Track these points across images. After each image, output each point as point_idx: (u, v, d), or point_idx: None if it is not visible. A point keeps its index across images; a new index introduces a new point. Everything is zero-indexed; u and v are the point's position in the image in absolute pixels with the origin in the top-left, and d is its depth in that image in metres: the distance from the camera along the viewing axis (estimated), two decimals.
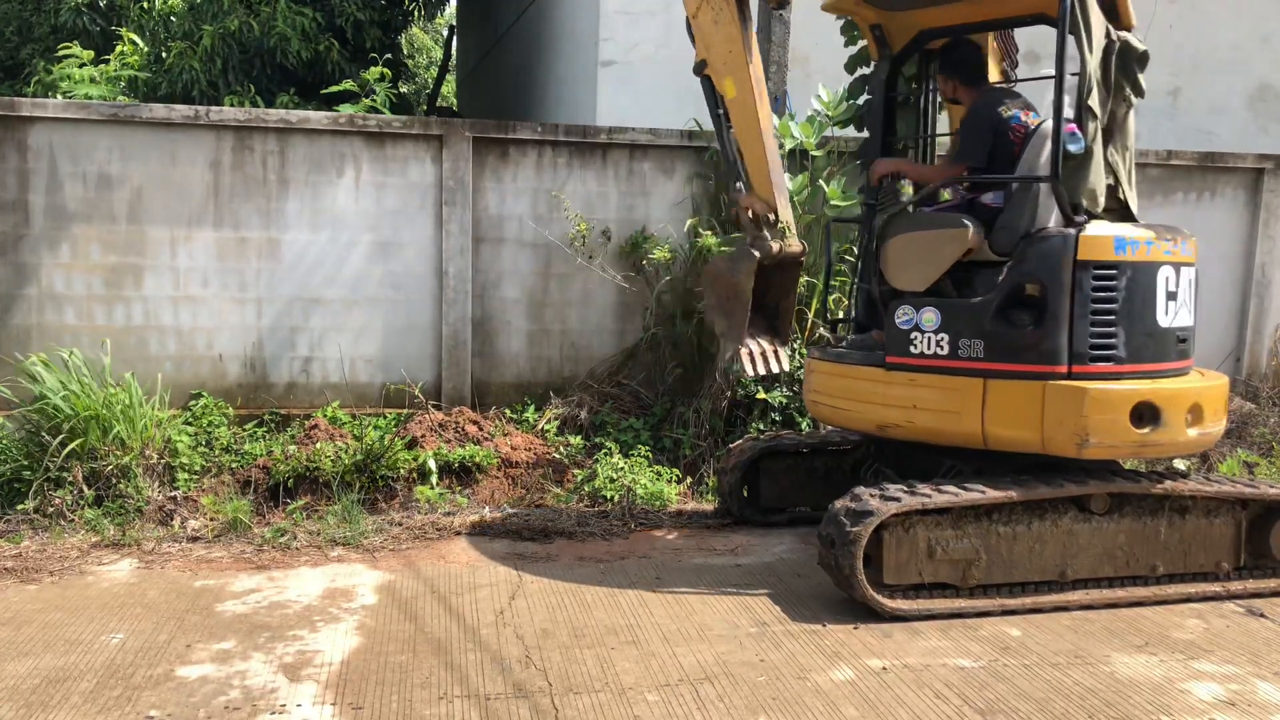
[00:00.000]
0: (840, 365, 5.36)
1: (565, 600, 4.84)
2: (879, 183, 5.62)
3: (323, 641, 4.32)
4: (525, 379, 7.56)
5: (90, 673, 3.98)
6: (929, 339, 4.97)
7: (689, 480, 6.73)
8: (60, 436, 5.84)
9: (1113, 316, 4.71)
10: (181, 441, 6.29)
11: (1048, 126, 4.91)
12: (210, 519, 5.83)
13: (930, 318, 4.98)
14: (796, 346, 6.96)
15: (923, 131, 6.07)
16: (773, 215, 5.09)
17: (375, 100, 9.18)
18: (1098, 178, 4.78)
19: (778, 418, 6.93)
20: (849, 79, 7.15)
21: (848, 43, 6.99)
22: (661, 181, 7.60)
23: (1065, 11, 4.60)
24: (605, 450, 6.66)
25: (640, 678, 4.03)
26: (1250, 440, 7.51)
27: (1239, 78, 10.32)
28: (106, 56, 10.94)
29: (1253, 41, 10.33)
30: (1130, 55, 4.87)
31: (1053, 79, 4.73)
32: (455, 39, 20.04)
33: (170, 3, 11.70)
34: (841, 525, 4.55)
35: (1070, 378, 4.68)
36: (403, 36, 18.30)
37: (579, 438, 6.97)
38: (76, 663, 4.07)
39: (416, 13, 14.16)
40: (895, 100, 5.98)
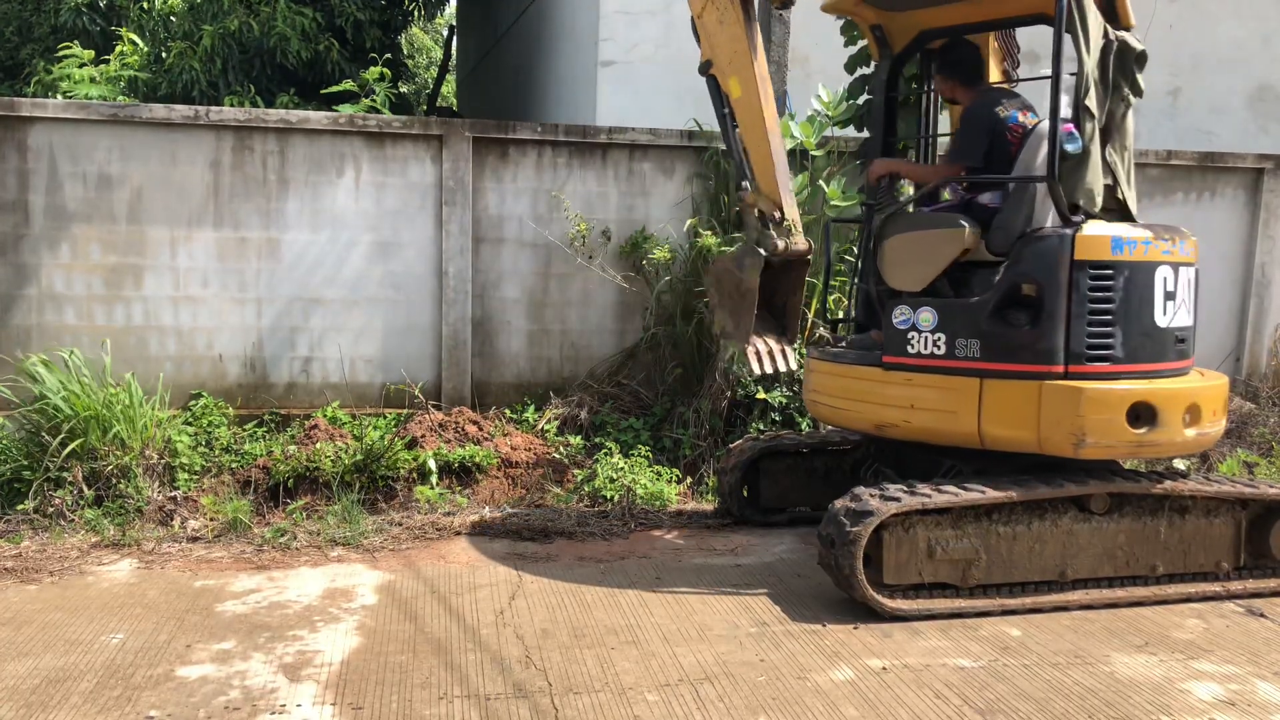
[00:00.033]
0: (839, 365, 5.37)
1: (565, 600, 4.84)
2: (876, 183, 5.63)
3: (323, 641, 4.32)
4: (525, 379, 7.56)
5: (90, 673, 3.98)
6: (926, 339, 4.98)
7: (689, 480, 6.73)
8: (60, 437, 5.84)
9: (1110, 316, 4.71)
10: (181, 441, 6.29)
11: (1045, 127, 4.91)
12: (210, 519, 5.83)
13: (927, 317, 4.98)
14: (796, 346, 6.96)
15: (924, 131, 6.07)
16: (778, 213, 5.10)
17: (375, 100, 9.18)
18: (1095, 178, 4.78)
19: (778, 418, 6.94)
20: (849, 79, 7.15)
21: (848, 43, 7.00)
22: (661, 181, 7.60)
23: (1062, 11, 4.60)
24: (605, 450, 6.66)
25: (640, 678, 4.03)
26: (1250, 440, 7.51)
27: (1239, 78, 10.32)
28: (106, 56, 10.95)
29: (1253, 41, 10.33)
30: (1128, 55, 4.87)
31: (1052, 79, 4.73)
32: (455, 39, 20.04)
33: (170, 3, 11.70)
34: (841, 525, 4.56)
35: (1067, 377, 4.67)
36: (403, 36, 18.31)
37: (579, 438, 6.97)
38: (76, 663, 4.07)
39: (416, 13, 14.17)
40: (896, 100, 5.98)
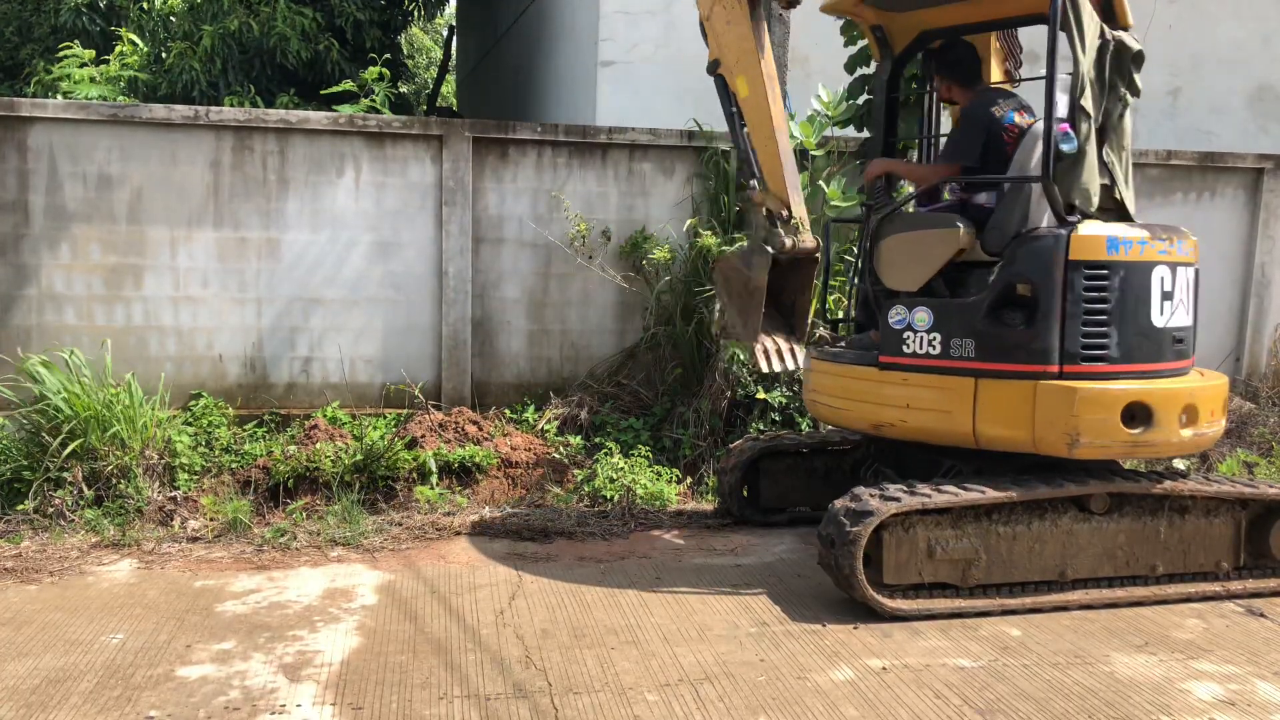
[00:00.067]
0: (837, 365, 5.37)
1: (565, 600, 4.84)
2: (873, 183, 5.64)
3: (323, 642, 4.32)
4: (525, 379, 7.56)
5: (90, 673, 3.98)
6: (921, 338, 4.99)
7: (689, 480, 6.73)
8: (60, 437, 5.84)
9: (1105, 316, 4.71)
10: (181, 442, 6.29)
11: (1040, 127, 4.91)
12: (210, 519, 5.83)
13: (923, 317, 4.99)
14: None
15: (926, 132, 6.07)
16: (786, 212, 5.11)
17: (375, 100, 9.18)
18: (1091, 178, 4.77)
19: (777, 418, 6.94)
20: (849, 79, 7.15)
21: (847, 43, 7.00)
22: (661, 181, 7.60)
23: (1056, 10, 4.59)
24: (605, 450, 6.66)
25: (640, 678, 4.03)
26: (1250, 440, 7.51)
27: (1239, 78, 10.32)
28: (106, 57, 10.95)
29: (1253, 41, 10.33)
30: (1125, 55, 4.86)
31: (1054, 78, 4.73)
32: (455, 39, 20.04)
33: (170, 3, 11.70)
34: (841, 525, 4.56)
35: (1062, 377, 4.67)
36: (402, 36, 18.30)
37: (579, 438, 6.97)
38: (76, 663, 4.07)
39: (416, 13, 14.16)
40: (897, 100, 5.99)
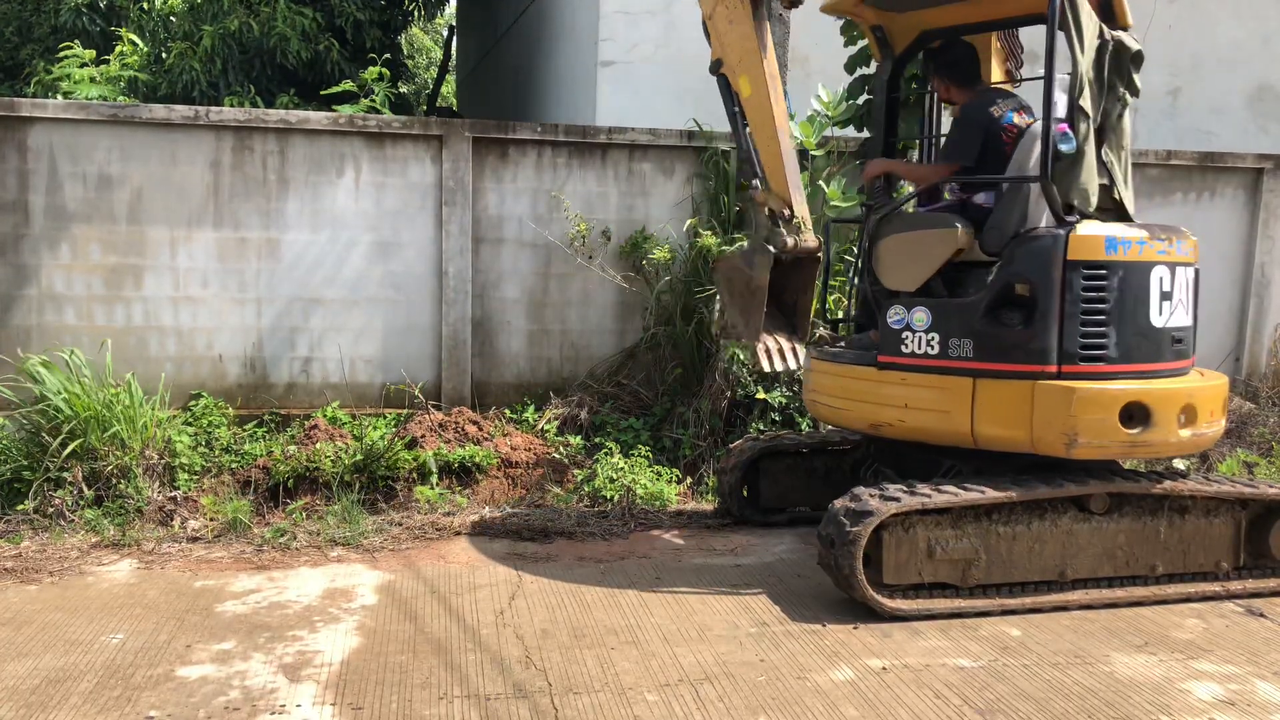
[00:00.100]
0: (837, 365, 5.38)
1: (565, 600, 4.84)
2: (872, 183, 5.66)
3: (322, 642, 4.32)
4: (525, 379, 7.56)
5: (90, 673, 3.98)
6: (920, 338, 4.99)
7: (689, 480, 6.73)
8: (60, 437, 5.85)
9: (1103, 316, 4.70)
10: (181, 442, 6.29)
11: (1039, 127, 4.91)
12: (210, 519, 5.83)
13: (921, 317, 4.99)
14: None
15: (927, 132, 6.07)
16: (788, 211, 5.11)
17: (374, 100, 9.18)
18: (1089, 178, 4.77)
19: (777, 418, 6.94)
20: (849, 79, 7.15)
21: (847, 43, 7.00)
22: (661, 181, 7.60)
23: (1054, 10, 4.59)
24: (605, 450, 6.66)
25: (640, 678, 4.03)
26: (1250, 440, 7.51)
27: (1239, 78, 10.32)
28: (106, 57, 10.95)
29: (1253, 41, 10.32)
30: (1124, 55, 4.85)
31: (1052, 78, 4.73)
32: (455, 39, 20.04)
33: (170, 3, 11.70)
34: (841, 525, 4.56)
35: (1060, 377, 4.67)
36: (402, 36, 18.30)
37: (579, 438, 6.97)
38: (76, 663, 4.07)
39: (416, 13, 14.16)
40: (898, 101, 5.99)
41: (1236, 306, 8.63)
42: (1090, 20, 4.72)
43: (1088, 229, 4.73)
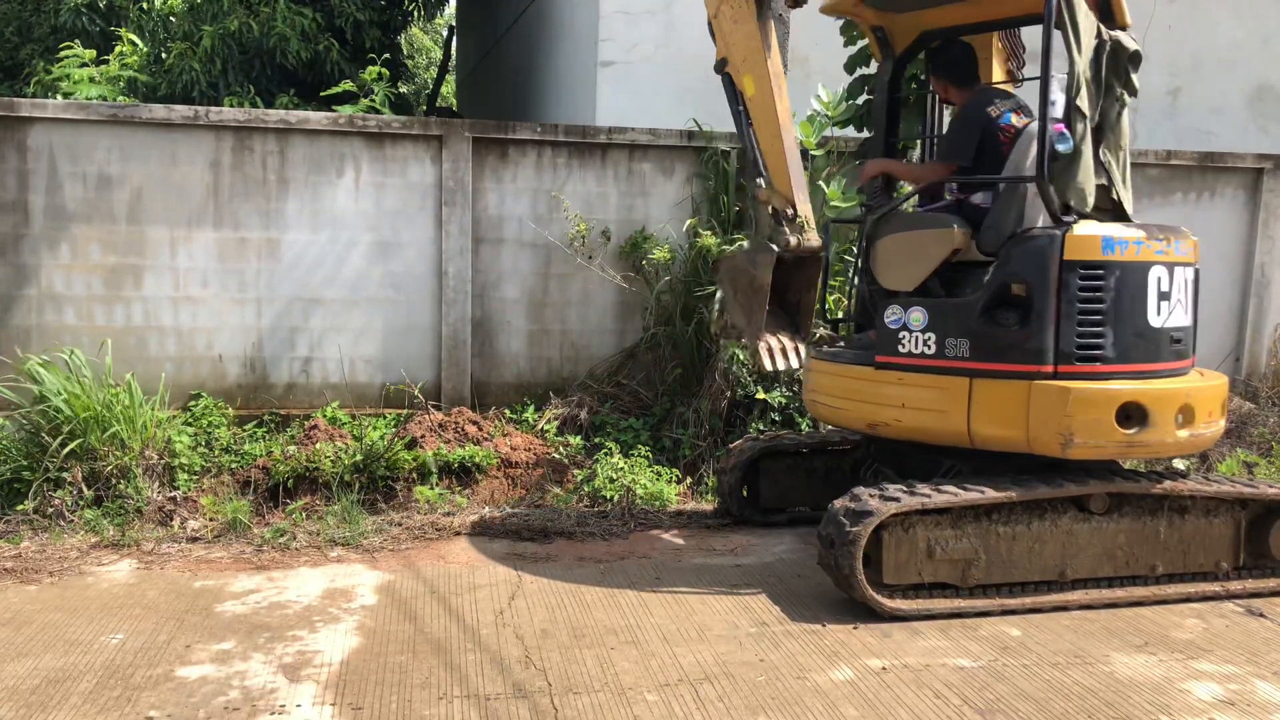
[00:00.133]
0: (835, 364, 5.38)
1: (565, 600, 4.84)
2: (870, 183, 5.66)
3: (322, 642, 4.32)
4: (525, 379, 7.56)
5: (90, 673, 3.98)
6: (916, 338, 4.99)
7: (689, 480, 6.73)
8: (60, 437, 5.84)
9: (1100, 316, 4.70)
10: (181, 442, 6.29)
11: (1036, 127, 4.91)
12: (210, 519, 5.83)
13: (918, 317, 4.99)
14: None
15: (928, 132, 6.07)
16: (791, 210, 5.12)
17: (374, 100, 9.18)
18: (1086, 177, 4.76)
19: (777, 418, 6.93)
20: (849, 79, 7.15)
21: (847, 43, 7.00)
22: (661, 182, 7.60)
23: (1050, 9, 4.59)
24: (605, 450, 6.66)
25: (640, 678, 4.03)
26: (1249, 440, 7.51)
27: (1239, 78, 10.31)
28: (106, 57, 10.94)
29: (1253, 41, 10.32)
30: (1122, 54, 4.85)
31: (1052, 78, 4.73)
32: (455, 39, 20.04)
33: (170, 3, 11.70)
34: (841, 525, 4.56)
35: (1056, 377, 4.67)
36: (402, 37, 18.30)
37: (579, 438, 6.97)
38: (76, 663, 4.07)
39: (416, 13, 14.16)
40: (899, 100, 5.99)
41: (1236, 306, 8.63)
42: (1087, 20, 4.72)
43: (1084, 229, 4.72)
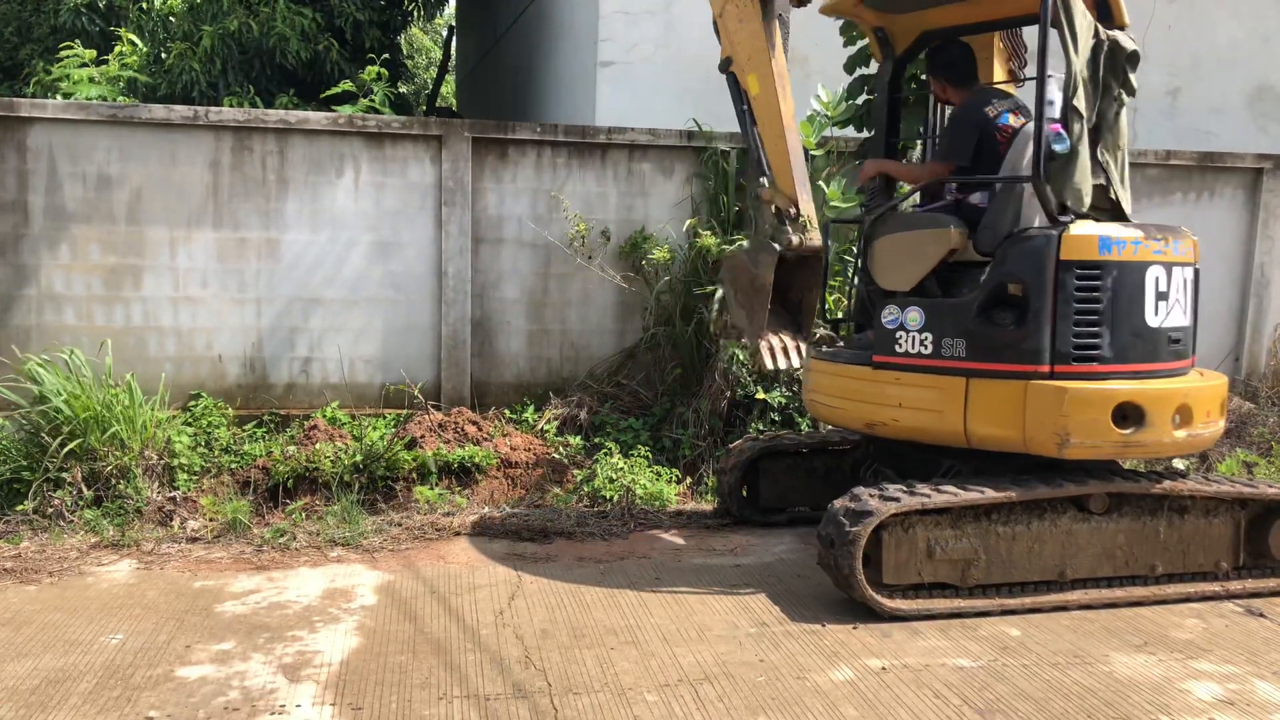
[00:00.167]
0: (833, 364, 5.39)
1: (565, 600, 4.84)
2: (868, 183, 5.67)
3: (322, 642, 4.32)
4: (525, 379, 7.56)
5: (90, 673, 3.98)
6: (913, 338, 5.00)
7: (688, 480, 6.73)
8: (60, 438, 5.84)
9: (1096, 316, 4.69)
10: (181, 442, 6.29)
11: (1032, 127, 4.91)
12: (210, 519, 5.83)
13: (915, 317, 5.00)
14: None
15: (929, 132, 6.07)
16: (794, 209, 5.13)
17: (374, 100, 9.17)
18: (1083, 178, 4.76)
19: (777, 418, 6.93)
20: (848, 79, 7.15)
21: (847, 43, 7.00)
22: (661, 182, 7.60)
23: (1046, 9, 4.59)
24: (605, 450, 6.66)
25: (640, 678, 4.03)
26: (1249, 440, 7.51)
27: (1238, 78, 10.31)
28: (106, 57, 10.94)
29: (1252, 41, 10.32)
30: (1120, 54, 4.84)
31: (1051, 78, 4.73)
32: (454, 39, 20.04)
33: (170, 3, 11.70)
34: (841, 525, 4.56)
35: (1053, 377, 4.66)
36: (402, 37, 18.30)
37: (578, 438, 6.97)
38: (76, 663, 4.07)
39: (416, 13, 14.15)
40: (900, 101, 5.99)
41: (1236, 306, 8.63)
42: (1084, 20, 4.72)
43: (1081, 229, 4.72)
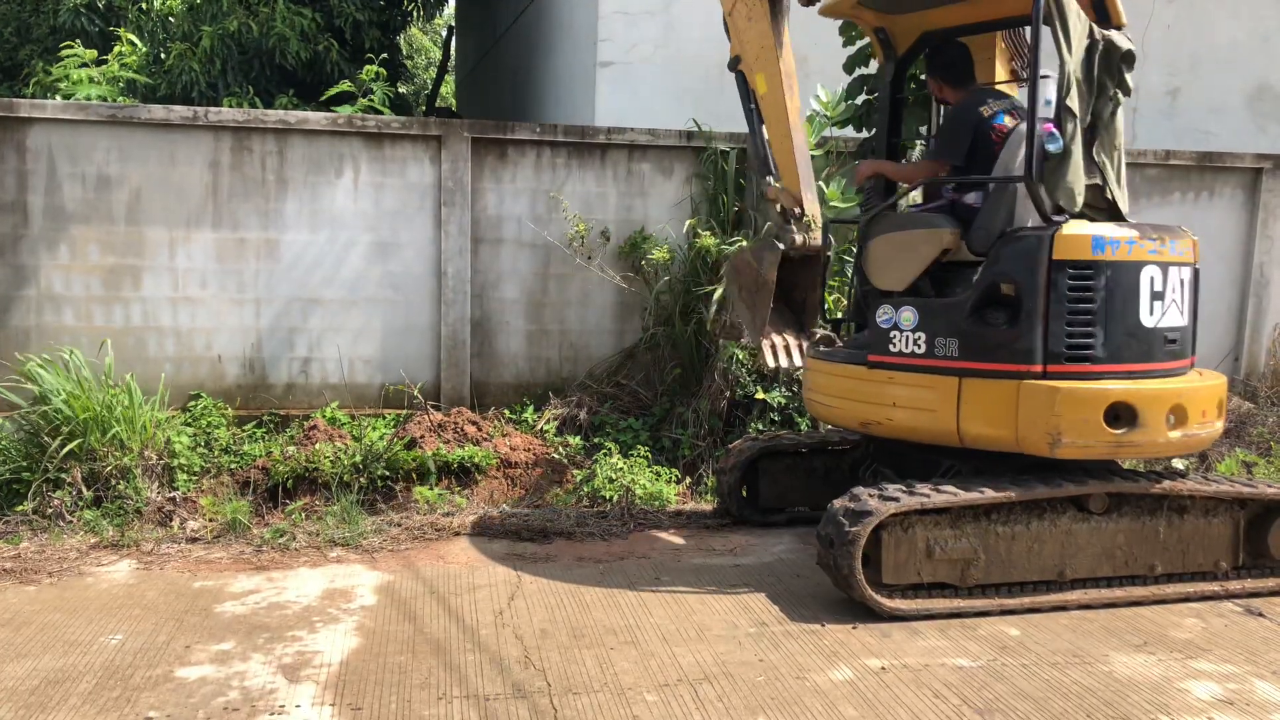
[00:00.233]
0: (830, 364, 5.40)
1: (564, 600, 4.84)
2: (865, 183, 5.68)
3: (322, 642, 4.32)
4: (524, 379, 7.56)
5: (89, 674, 3.98)
6: (907, 338, 5.00)
7: (688, 480, 6.73)
8: (60, 438, 5.84)
9: (1089, 316, 4.69)
10: (180, 442, 6.29)
11: (1025, 127, 4.91)
12: (209, 520, 5.83)
13: (908, 317, 5.00)
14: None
15: (931, 132, 6.07)
16: (799, 209, 5.13)
17: (373, 100, 9.17)
18: (1076, 177, 4.75)
19: (776, 418, 6.94)
20: (848, 79, 7.16)
21: (846, 43, 7.00)
22: (660, 182, 7.60)
23: (1039, 9, 4.59)
24: (604, 450, 6.66)
25: (639, 678, 4.03)
26: (1248, 440, 7.52)
27: (1237, 77, 10.31)
28: (105, 57, 10.94)
29: (1251, 41, 10.32)
30: (1115, 54, 4.83)
31: (1048, 78, 4.73)
32: (454, 39, 20.05)
33: (169, 4, 11.70)
34: (840, 525, 4.56)
35: (1045, 377, 4.66)
36: (401, 37, 18.30)
37: (578, 438, 6.97)
38: (75, 664, 4.07)
39: (415, 13, 14.16)
40: (901, 101, 5.99)
41: (1235, 306, 8.63)
42: (1078, 19, 4.71)
43: (1074, 229, 4.71)
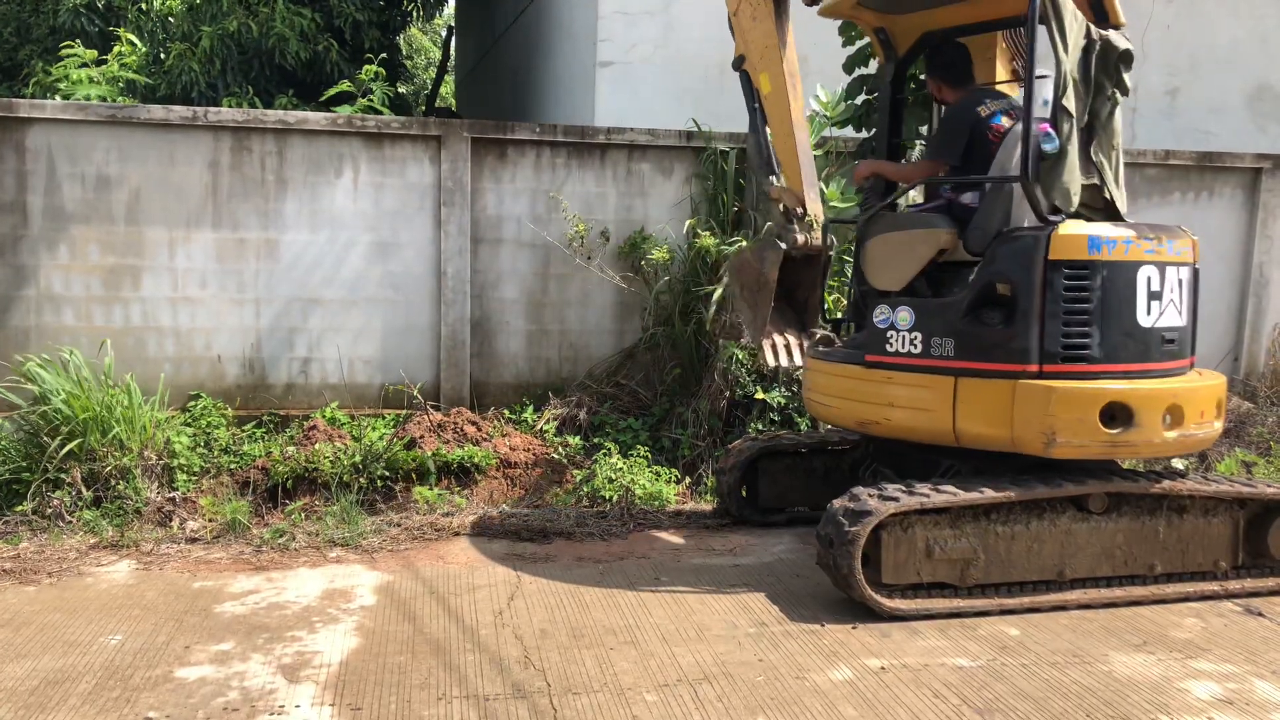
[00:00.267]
0: (828, 363, 5.40)
1: (564, 601, 4.84)
2: (863, 183, 5.69)
3: (321, 642, 4.32)
4: (524, 379, 7.56)
5: (89, 674, 3.98)
6: (903, 337, 5.01)
7: (688, 480, 6.73)
8: (59, 438, 5.84)
9: (1085, 316, 4.68)
10: (180, 442, 6.29)
11: (1021, 127, 4.90)
12: (209, 520, 5.83)
13: (904, 316, 5.01)
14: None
15: (931, 132, 6.08)
16: (801, 208, 5.13)
17: (373, 100, 9.17)
18: (1072, 178, 4.75)
19: (776, 418, 6.94)
20: (847, 79, 7.16)
21: (846, 43, 7.00)
22: (660, 182, 7.60)
23: (1034, 8, 4.59)
24: (604, 450, 6.66)
25: (639, 678, 4.03)
26: (1248, 439, 7.52)
27: (1237, 77, 10.31)
28: (105, 57, 10.94)
29: (1251, 41, 10.32)
30: (1112, 54, 4.83)
31: (1045, 78, 4.73)
32: (454, 39, 20.05)
33: (169, 4, 11.70)
34: (840, 525, 4.56)
35: (1041, 376, 4.66)
36: (401, 37, 18.30)
37: (578, 438, 6.97)
38: (75, 664, 4.07)
39: (415, 13, 14.16)
40: (902, 101, 5.99)
41: (1235, 306, 8.63)
42: (1075, 19, 4.71)
43: (1070, 228, 4.71)
